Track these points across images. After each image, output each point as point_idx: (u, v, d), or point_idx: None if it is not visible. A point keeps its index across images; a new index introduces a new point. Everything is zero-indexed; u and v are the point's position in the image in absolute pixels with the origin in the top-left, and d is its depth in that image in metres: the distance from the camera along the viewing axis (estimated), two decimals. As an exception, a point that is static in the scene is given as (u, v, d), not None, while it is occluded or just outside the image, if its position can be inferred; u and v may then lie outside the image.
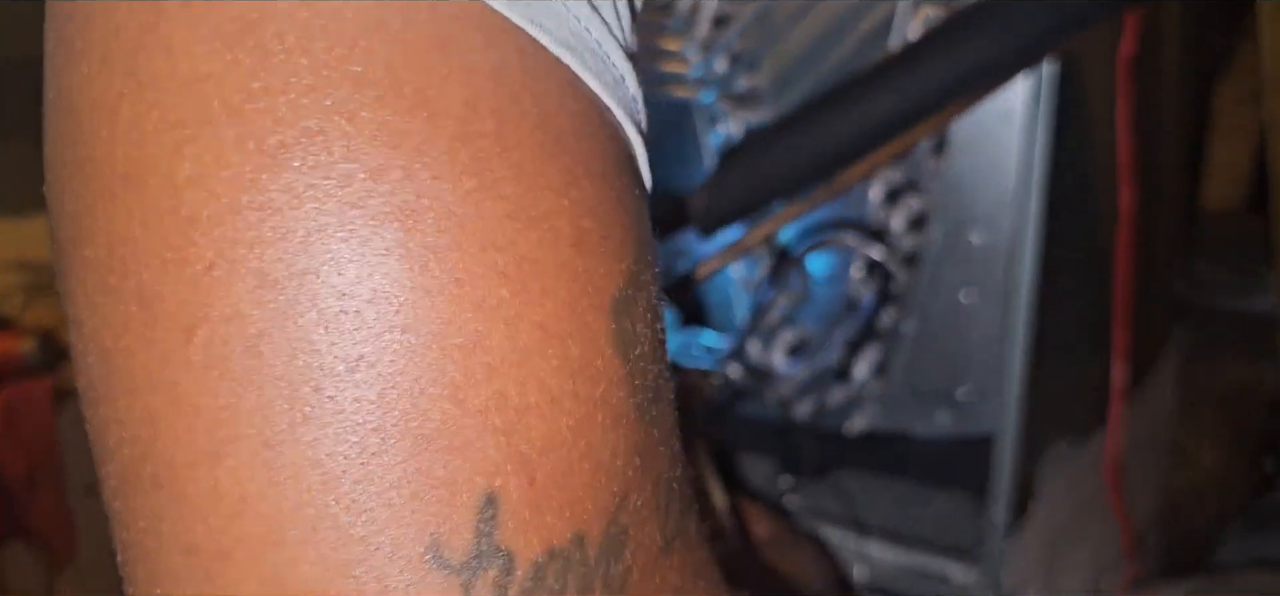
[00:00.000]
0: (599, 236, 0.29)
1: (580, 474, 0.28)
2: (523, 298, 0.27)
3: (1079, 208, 0.81)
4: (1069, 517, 0.89)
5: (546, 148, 0.28)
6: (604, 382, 0.29)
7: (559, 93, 0.29)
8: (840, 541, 0.84)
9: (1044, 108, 0.71)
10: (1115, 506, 0.82)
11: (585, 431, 0.28)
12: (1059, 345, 0.83)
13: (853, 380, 0.85)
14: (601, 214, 0.29)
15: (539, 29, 0.28)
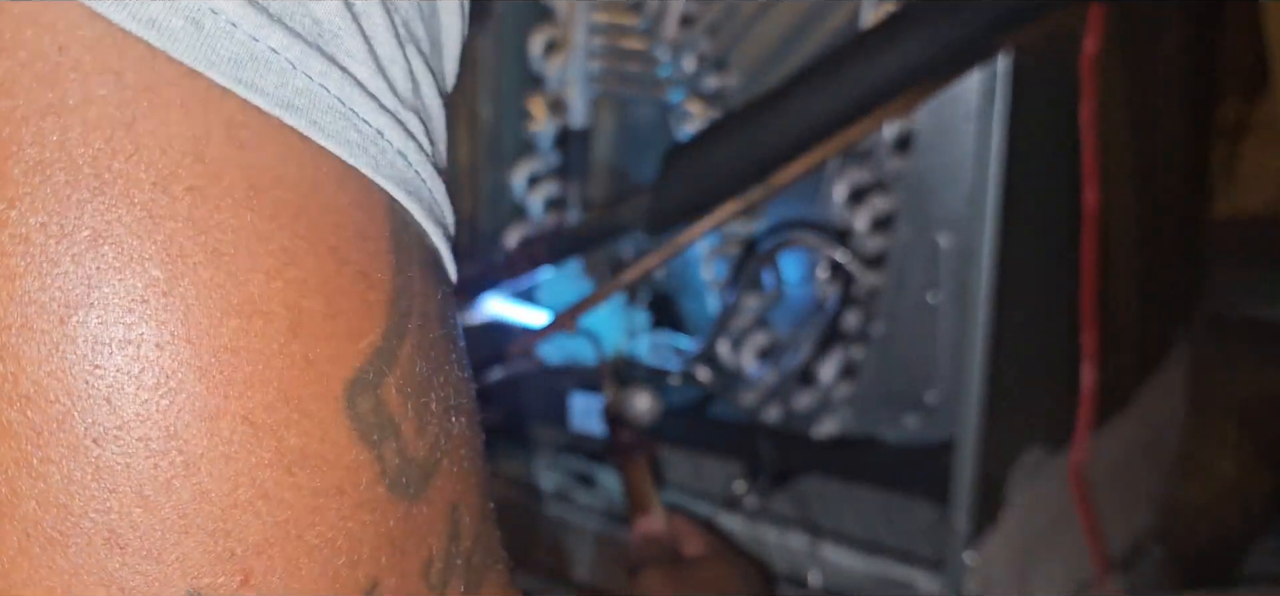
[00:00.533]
0: (325, 316, 0.27)
1: (308, 568, 0.27)
2: (224, 391, 0.25)
3: (1050, 208, 0.79)
4: (1044, 528, 0.87)
5: (255, 226, 0.26)
6: (337, 470, 0.27)
7: (279, 162, 0.26)
8: (802, 547, 0.83)
9: (999, 104, 0.69)
10: (1083, 516, 0.80)
11: (313, 523, 0.27)
12: (1031, 350, 0.81)
13: (820, 384, 0.84)
14: (331, 291, 0.27)
15: (252, 91, 0.26)
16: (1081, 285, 0.76)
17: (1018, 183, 0.73)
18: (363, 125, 0.28)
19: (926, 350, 0.82)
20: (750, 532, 0.86)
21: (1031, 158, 0.75)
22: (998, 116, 0.69)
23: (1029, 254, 0.77)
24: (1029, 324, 0.80)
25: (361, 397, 0.27)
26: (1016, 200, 0.73)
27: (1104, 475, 0.99)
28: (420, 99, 0.30)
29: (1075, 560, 0.93)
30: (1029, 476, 0.84)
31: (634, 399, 0.79)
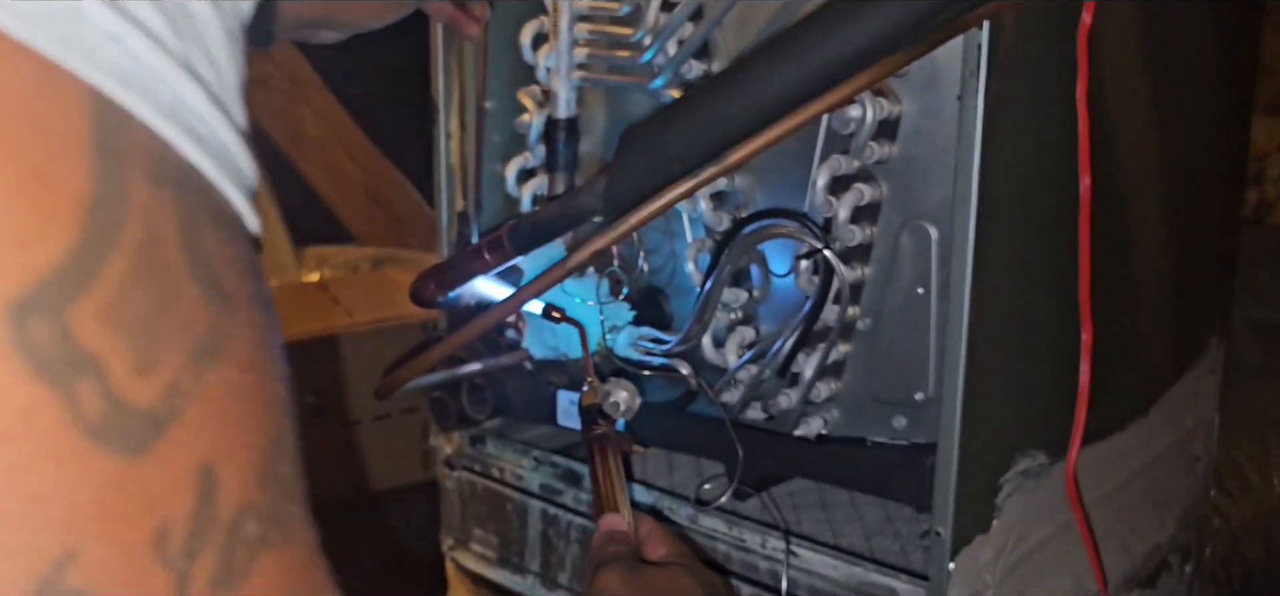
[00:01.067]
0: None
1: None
2: None
3: (1045, 194, 0.74)
4: (1045, 541, 0.82)
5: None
6: (2, 413, 0.24)
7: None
8: (780, 552, 0.79)
9: (981, 81, 0.65)
10: (1078, 520, 0.75)
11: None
12: (1025, 346, 0.76)
13: (805, 381, 0.80)
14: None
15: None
16: (1079, 278, 0.72)
17: (1005, 165, 0.69)
18: (90, 29, 0.25)
19: (916, 346, 0.78)
20: (727, 534, 0.82)
21: (1020, 139, 0.70)
22: (978, 93, 0.65)
23: (1019, 243, 0.72)
24: (1021, 318, 0.75)
25: (36, 322, 0.24)
26: (1002, 184, 0.69)
27: (1120, 482, 0.93)
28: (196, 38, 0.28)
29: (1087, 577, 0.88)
30: (1026, 483, 0.79)
31: (612, 392, 0.76)
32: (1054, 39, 0.71)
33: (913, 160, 0.76)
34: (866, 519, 0.90)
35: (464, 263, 0.80)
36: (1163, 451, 1.03)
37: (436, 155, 1.01)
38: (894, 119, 0.76)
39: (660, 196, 0.61)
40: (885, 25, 0.57)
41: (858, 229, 0.77)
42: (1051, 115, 0.72)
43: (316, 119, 2.53)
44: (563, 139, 0.89)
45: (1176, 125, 0.94)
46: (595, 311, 0.86)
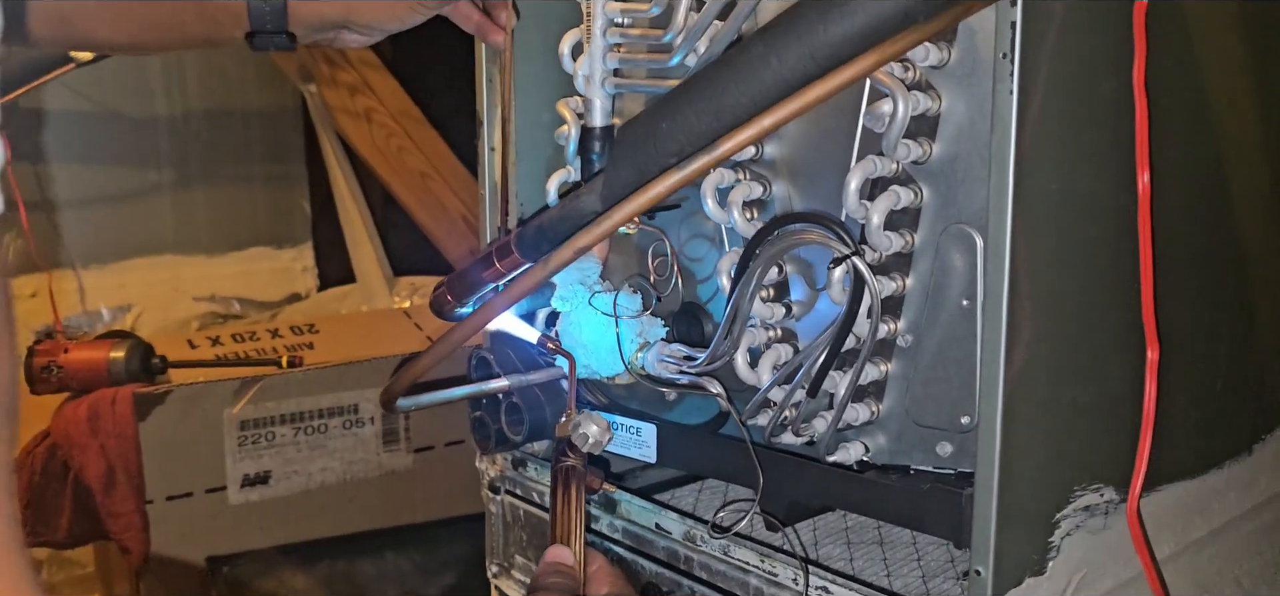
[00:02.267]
0: None
1: None
2: None
3: (1104, 194, 0.67)
4: (1116, 589, 0.73)
5: None
6: None
7: None
8: (813, 589, 0.72)
9: (1015, 65, 0.58)
10: (1145, 566, 0.66)
11: None
12: (1083, 367, 0.68)
13: (838, 403, 0.73)
14: None
15: None
16: (1141, 293, 0.64)
17: (1053, 158, 0.62)
18: None
19: (961, 365, 0.71)
20: (758, 567, 0.76)
21: (1072, 133, 0.63)
22: (1012, 76, 0.58)
23: (1075, 247, 0.65)
24: (1079, 334, 0.67)
25: None
26: (1050, 180, 0.62)
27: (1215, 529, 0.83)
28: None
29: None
30: (1089, 521, 0.70)
31: (581, 424, 0.73)
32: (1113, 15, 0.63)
33: (955, 161, 0.69)
34: (926, 559, 0.82)
35: (476, 271, 0.77)
36: (1277, 495, 0.92)
37: (480, 170, 0.99)
38: (933, 115, 0.69)
39: (650, 189, 0.57)
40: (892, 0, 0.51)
41: (896, 236, 0.71)
42: (1112, 103, 0.65)
43: (418, 152, 2.57)
44: (598, 148, 0.85)
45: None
46: (625, 327, 0.82)
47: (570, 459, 0.74)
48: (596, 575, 0.70)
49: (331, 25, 0.88)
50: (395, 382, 0.76)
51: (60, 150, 2.28)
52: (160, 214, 2.40)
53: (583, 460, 0.75)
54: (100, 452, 1.48)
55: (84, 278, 2.30)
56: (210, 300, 2.41)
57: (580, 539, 0.72)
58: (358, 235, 2.50)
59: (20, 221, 2.15)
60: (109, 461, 1.49)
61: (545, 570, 0.68)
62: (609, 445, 0.87)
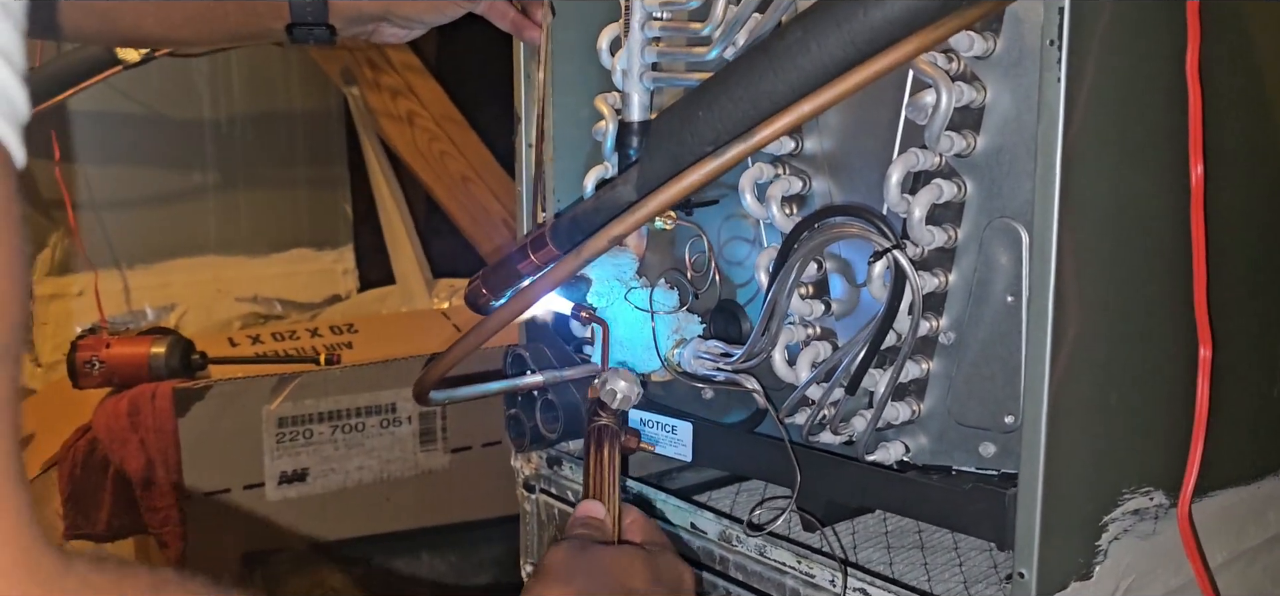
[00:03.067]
0: None
1: None
2: None
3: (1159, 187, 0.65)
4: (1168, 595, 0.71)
5: None
6: None
7: None
8: (847, 590, 0.71)
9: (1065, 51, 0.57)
10: (1197, 572, 0.64)
11: None
12: (1132, 366, 0.66)
13: (878, 401, 0.72)
14: None
15: None
16: (1194, 286, 0.62)
17: (1103, 149, 0.60)
18: None
19: (1005, 364, 0.69)
20: (795, 568, 0.75)
21: (1121, 123, 0.61)
22: (1060, 64, 0.57)
23: (1126, 242, 0.63)
24: (1129, 332, 0.65)
25: None
26: (1099, 172, 0.60)
27: (1274, 536, 0.80)
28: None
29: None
30: (1138, 526, 0.68)
31: (609, 380, 0.71)
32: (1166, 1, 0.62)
33: (1000, 153, 0.68)
34: (967, 565, 0.81)
35: (510, 264, 0.76)
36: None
37: (518, 166, 0.99)
38: (978, 107, 0.68)
39: (685, 178, 0.56)
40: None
41: (938, 230, 0.69)
42: (1164, 93, 0.63)
43: (459, 156, 2.58)
44: (635, 143, 0.84)
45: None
46: (661, 323, 0.81)
47: (602, 418, 0.73)
48: (631, 527, 0.69)
49: (371, 18, 0.88)
50: (427, 374, 0.76)
51: (108, 152, 2.31)
52: (204, 215, 2.43)
53: (615, 419, 0.74)
54: (140, 447, 1.50)
55: (129, 277, 2.33)
56: (252, 301, 2.43)
57: (615, 496, 0.70)
58: (398, 237, 2.51)
59: (68, 220, 2.19)
60: (149, 456, 1.50)
61: (573, 523, 0.67)
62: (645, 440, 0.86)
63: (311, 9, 0.84)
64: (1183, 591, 0.72)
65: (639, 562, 0.64)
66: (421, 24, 0.88)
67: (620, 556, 0.64)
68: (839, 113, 0.75)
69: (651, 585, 0.63)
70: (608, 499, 0.69)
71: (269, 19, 0.88)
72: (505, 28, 0.91)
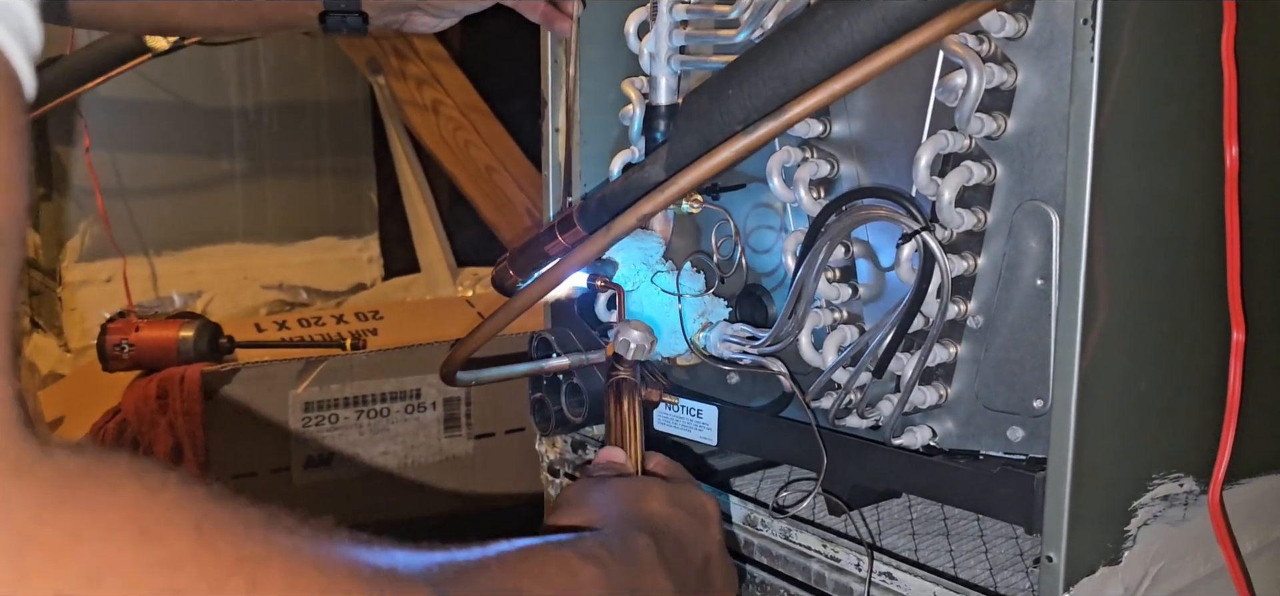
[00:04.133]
0: None
1: None
2: None
3: (1191, 169, 0.64)
4: (1195, 583, 0.70)
5: None
6: None
7: None
8: (877, 574, 0.71)
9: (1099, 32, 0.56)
10: (1229, 560, 0.63)
11: None
12: (1163, 350, 0.66)
13: (905, 384, 0.71)
14: None
15: None
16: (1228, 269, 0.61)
17: (1136, 131, 0.59)
18: None
19: (1034, 348, 0.68)
20: (821, 552, 0.75)
21: (1154, 104, 0.61)
22: (1093, 43, 0.56)
23: (1158, 225, 0.62)
24: (1161, 315, 0.65)
25: None
26: (1130, 154, 0.60)
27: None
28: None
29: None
30: (1167, 512, 0.68)
31: (622, 331, 0.71)
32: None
33: (1030, 135, 0.67)
34: (993, 551, 0.80)
35: (538, 245, 0.76)
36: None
37: (545, 151, 0.99)
38: (1008, 89, 0.67)
39: (714, 156, 0.55)
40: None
41: (967, 213, 0.69)
42: (1198, 74, 0.62)
43: (484, 146, 2.59)
44: (663, 127, 0.84)
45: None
46: (687, 306, 0.81)
47: (621, 371, 0.72)
48: (653, 467, 0.68)
49: (403, 6, 0.88)
50: (454, 355, 0.76)
51: (136, 139, 2.33)
52: (231, 203, 2.45)
53: (633, 371, 0.73)
54: (169, 429, 1.51)
55: (157, 264, 2.35)
56: (278, 288, 2.45)
57: (636, 445, 0.69)
58: (423, 225, 2.52)
59: (97, 207, 2.21)
60: (177, 438, 1.51)
61: (595, 466, 0.67)
62: (669, 426, 0.86)
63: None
64: (1212, 579, 0.71)
65: (657, 487, 0.63)
66: (453, 13, 0.88)
67: (638, 482, 0.64)
68: (867, 95, 0.74)
69: (670, 508, 0.62)
70: (629, 447, 0.69)
71: (303, 7, 0.88)
72: (535, 19, 0.91)
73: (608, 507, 0.60)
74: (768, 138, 0.56)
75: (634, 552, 0.57)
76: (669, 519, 0.61)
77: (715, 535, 0.65)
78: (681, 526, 0.62)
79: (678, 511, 0.62)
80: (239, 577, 0.36)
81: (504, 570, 0.48)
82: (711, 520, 0.66)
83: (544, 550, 0.52)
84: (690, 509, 0.64)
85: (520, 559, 0.50)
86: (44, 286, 2.33)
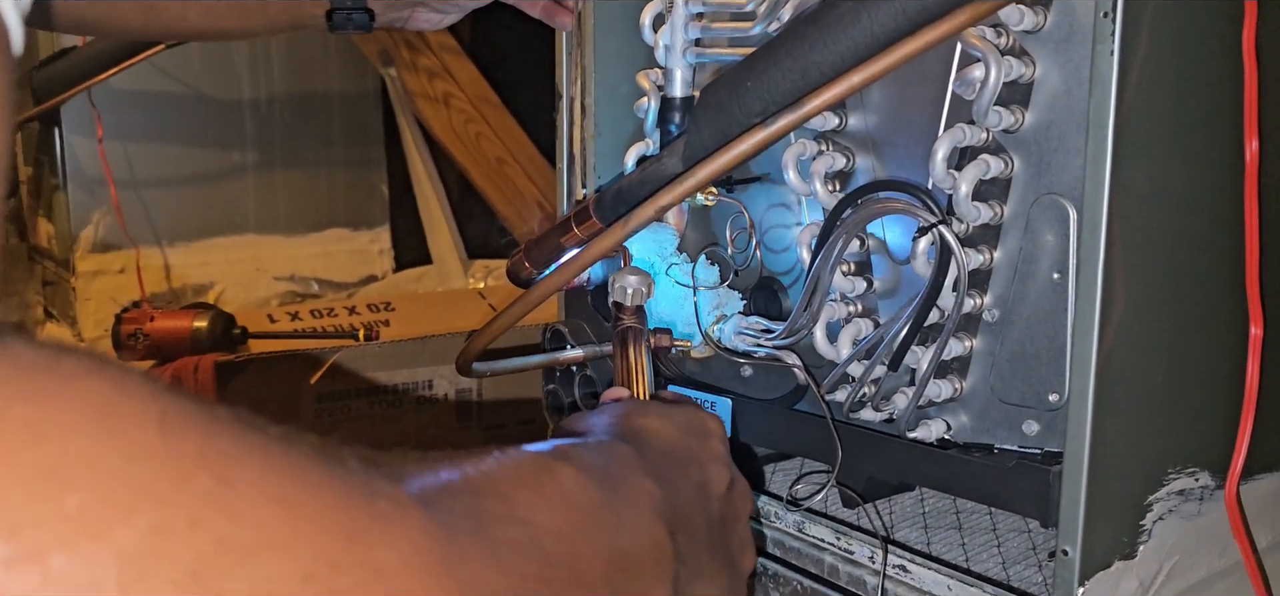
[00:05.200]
0: None
1: None
2: None
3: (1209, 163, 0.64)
4: (1210, 578, 0.70)
5: None
6: None
7: None
8: (891, 567, 0.71)
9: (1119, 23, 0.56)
10: (1245, 556, 0.63)
11: None
12: (1180, 343, 0.66)
13: (920, 377, 0.71)
14: None
15: None
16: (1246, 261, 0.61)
17: (1155, 123, 0.59)
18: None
19: (1050, 341, 0.68)
20: (834, 545, 0.75)
21: (1174, 97, 0.60)
22: (1114, 36, 0.56)
23: (1176, 218, 0.62)
24: (1179, 309, 0.64)
25: None
26: (1149, 147, 0.59)
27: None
28: None
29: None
30: (1183, 506, 0.68)
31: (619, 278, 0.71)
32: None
33: (1048, 128, 0.67)
34: (1006, 545, 0.80)
35: (554, 237, 0.76)
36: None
37: (559, 142, 0.99)
38: (1026, 82, 0.67)
39: (733, 148, 0.55)
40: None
41: (984, 207, 0.69)
42: (1218, 67, 0.62)
43: (495, 138, 2.59)
44: (678, 119, 0.84)
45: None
46: (702, 298, 0.81)
47: (624, 319, 0.71)
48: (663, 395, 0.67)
49: (407, 2, 0.88)
50: (470, 346, 0.76)
51: (149, 130, 2.34)
52: (243, 194, 2.46)
53: (637, 318, 0.72)
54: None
55: (169, 255, 2.36)
56: (289, 280, 2.45)
57: (643, 384, 0.68)
58: (434, 217, 2.53)
59: (110, 198, 2.22)
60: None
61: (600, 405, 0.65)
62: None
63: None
64: (1227, 574, 0.71)
65: (651, 405, 0.62)
66: (458, 8, 0.89)
67: (631, 402, 0.62)
68: (883, 89, 0.74)
69: (658, 420, 0.60)
70: (636, 388, 0.68)
71: (309, 6, 0.89)
72: (535, 14, 0.91)
73: (598, 422, 0.59)
74: (786, 130, 0.56)
75: (612, 455, 0.55)
76: (656, 430, 0.59)
77: (715, 449, 0.63)
78: (671, 438, 0.60)
79: (667, 424, 0.60)
80: (206, 473, 0.34)
81: (483, 478, 0.47)
82: (710, 435, 0.63)
83: (518, 460, 0.50)
84: (683, 424, 0.61)
85: (496, 471, 0.48)
86: (57, 276, 2.34)
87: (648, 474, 0.55)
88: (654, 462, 0.56)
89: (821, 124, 0.76)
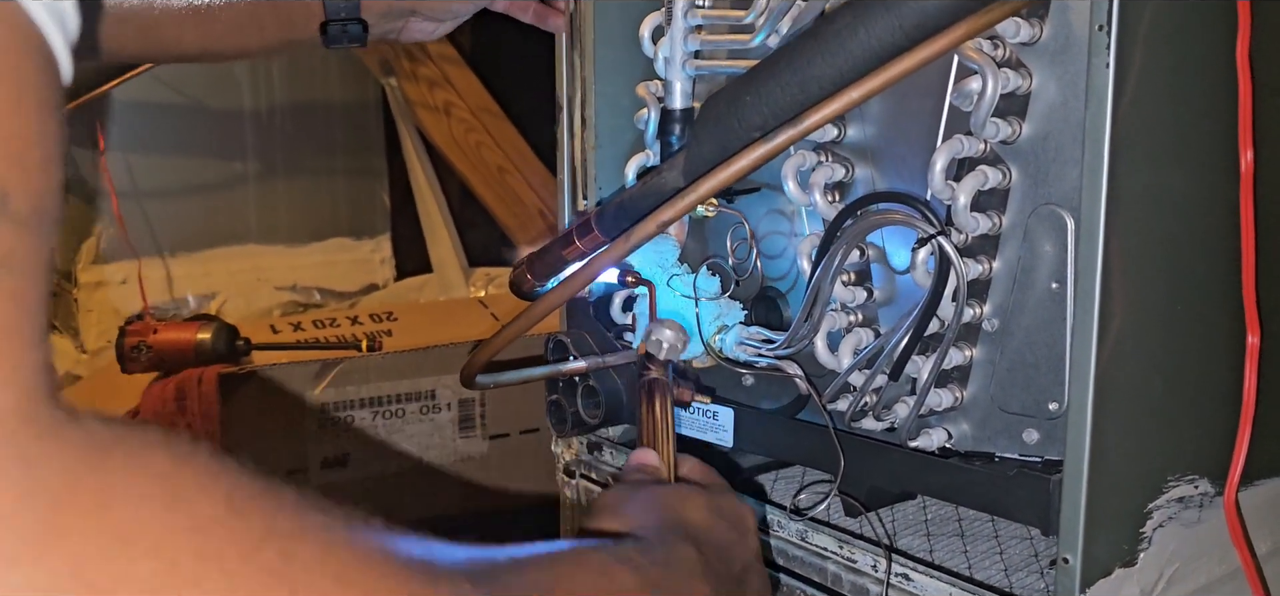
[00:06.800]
0: None
1: None
2: None
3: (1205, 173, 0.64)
4: (1209, 584, 0.71)
5: None
6: None
7: None
8: (894, 575, 0.71)
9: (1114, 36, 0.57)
10: (1244, 562, 0.64)
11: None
12: (1178, 352, 0.66)
13: (921, 387, 0.72)
14: None
15: None
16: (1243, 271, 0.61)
17: (1150, 135, 0.60)
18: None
19: (1049, 351, 0.69)
20: (837, 554, 0.75)
21: (1169, 108, 0.61)
22: (1109, 48, 0.57)
23: (1172, 228, 0.63)
24: (1176, 317, 0.65)
25: None
26: (1146, 158, 0.60)
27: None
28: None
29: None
30: (1182, 514, 0.68)
31: (654, 331, 0.71)
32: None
33: (1045, 140, 0.68)
34: (1008, 553, 0.81)
35: (556, 250, 0.77)
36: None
37: (560, 153, 1.00)
38: (1023, 94, 0.68)
39: (733, 163, 0.56)
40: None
41: (983, 217, 0.69)
42: (1212, 79, 0.63)
43: (496, 147, 2.60)
44: (678, 131, 0.85)
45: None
46: (705, 308, 0.82)
47: (652, 371, 0.72)
48: (688, 472, 0.68)
49: (401, 13, 0.89)
50: (474, 359, 0.77)
51: (151, 141, 2.35)
52: (244, 205, 2.46)
53: (664, 371, 0.73)
54: (187, 431, 1.53)
55: (171, 265, 2.37)
56: (291, 289, 2.46)
57: (669, 447, 0.69)
58: (435, 226, 2.53)
59: (112, 209, 2.23)
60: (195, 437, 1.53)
61: (627, 470, 0.67)
62: (686, 428, 0.87)
63: (345, 5, 0.86)
64: (1227, 581, 0.71)
65: (697, 497, 0.63)
66: (450, 17, 0.89)
67: (676, 491, 0.63)
68: (881, 101, 0.75)
69: (711, 518, 0.62)
70: (662, 449, 0.69)
71: (303, 24, 0.89)
72: (527, 20, 0.92)
73: (647, 515, 0.60)
74: (786, 144, 0.56)
75: (677, 560, 0.57)
76: (710, 528, 0.61)
77: (753, 545, 0.66)
78: (722, 535, 0.62)
79: (718, 521, 0.62)
80: (271, 549, 0.35)
81: (539, 570, 0.48)
82: (750, 531, 0.66)
83: (578, 552, 0.52)
84: (730, 518, 0.64)
85: (555, 560, 0.50)
86: (60, 288, 2.35)
87: (705, 577, 0.58)
88: (711, 564, 0.59)
89: (821, 135, 0.77)
